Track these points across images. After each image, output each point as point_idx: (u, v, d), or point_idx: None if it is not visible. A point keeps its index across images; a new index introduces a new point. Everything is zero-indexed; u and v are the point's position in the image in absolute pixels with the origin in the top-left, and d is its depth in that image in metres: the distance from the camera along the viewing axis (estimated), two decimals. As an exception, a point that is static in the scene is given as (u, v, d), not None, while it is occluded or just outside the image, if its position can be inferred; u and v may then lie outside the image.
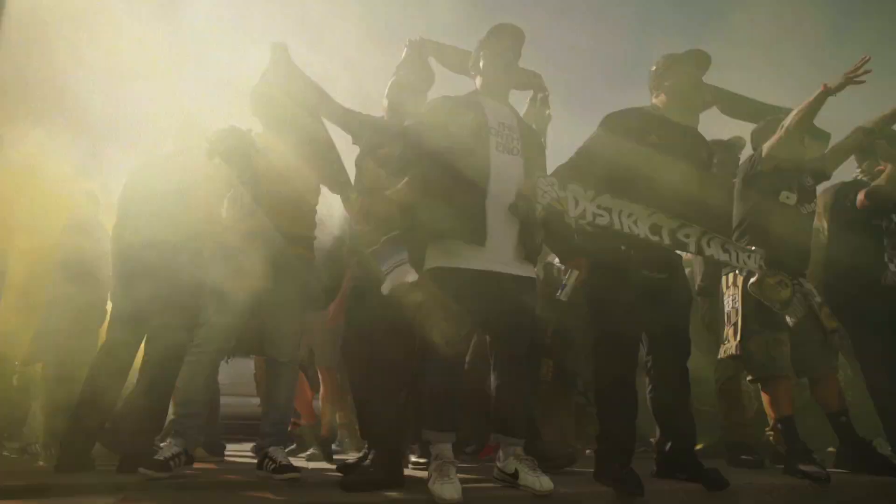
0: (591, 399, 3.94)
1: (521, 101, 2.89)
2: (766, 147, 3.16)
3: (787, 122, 3.05)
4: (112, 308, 3.18)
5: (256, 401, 4.78)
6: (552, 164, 2.82)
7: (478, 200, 2.47)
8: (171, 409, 3.11)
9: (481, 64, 2.71)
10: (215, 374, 3.17)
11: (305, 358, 4.09)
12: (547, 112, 3.44)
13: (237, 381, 5.17)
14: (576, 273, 2.69)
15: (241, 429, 5.21)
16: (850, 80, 2.84)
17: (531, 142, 2.66)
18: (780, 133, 3.09)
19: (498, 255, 2.48)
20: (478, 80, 2.75)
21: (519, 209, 2.48)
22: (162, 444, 2.67)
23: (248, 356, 4.45)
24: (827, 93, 2.92)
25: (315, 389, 4.52)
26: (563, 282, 2.70)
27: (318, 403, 4.38)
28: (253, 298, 2.72)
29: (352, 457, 3.35)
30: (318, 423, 4.31)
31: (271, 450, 2.70)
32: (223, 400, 4.22)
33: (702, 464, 2.70)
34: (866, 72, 2.81)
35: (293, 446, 4.09)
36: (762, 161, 3.16)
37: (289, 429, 3.32)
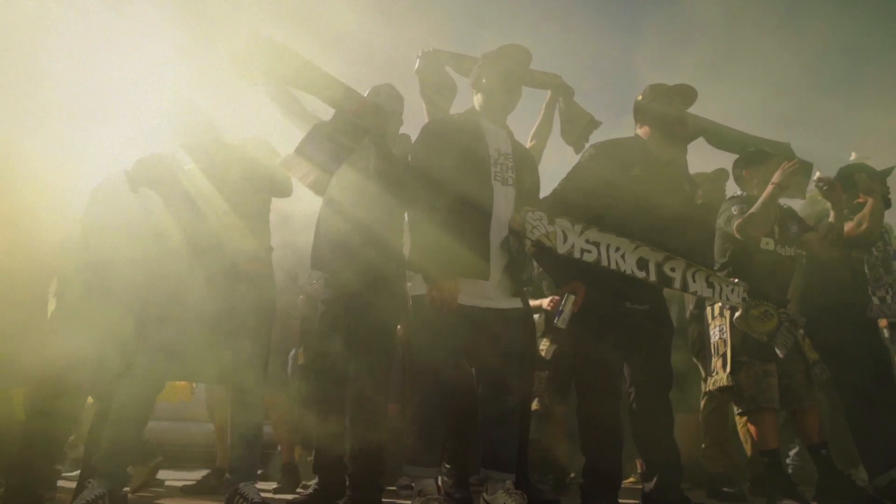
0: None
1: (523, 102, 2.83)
2: (735, 228, 3.09)
3: (749, 227, 3.01)
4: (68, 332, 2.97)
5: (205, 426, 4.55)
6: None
7: (482, 235, 2.44)
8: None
9: (484, 81, 2.65)
10: None
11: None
12: (589, 117, 3.23)
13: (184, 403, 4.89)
14: (572, 298, 2.67)
15: (195, 456, 5.01)
16: (794, 173, 2.97)
17: (524, 169, 2.63)
18: (739, 230, 3.05)
19: (490, 289, 2.46)
20: (478, 98, 2.70)
21: (511, 245, 2.45)
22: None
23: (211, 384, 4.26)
24: (779, 188, 2.97)
25: None
26: (560, 307, 2.67)
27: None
28: (205, 323, 2.54)
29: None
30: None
31: (242, 486, 2.56)
32: (166, 425, 3.97)
33: (688, 499, 2.68)
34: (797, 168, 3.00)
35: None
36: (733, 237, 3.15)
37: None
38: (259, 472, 3.90)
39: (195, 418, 4.85)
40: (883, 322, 3.38)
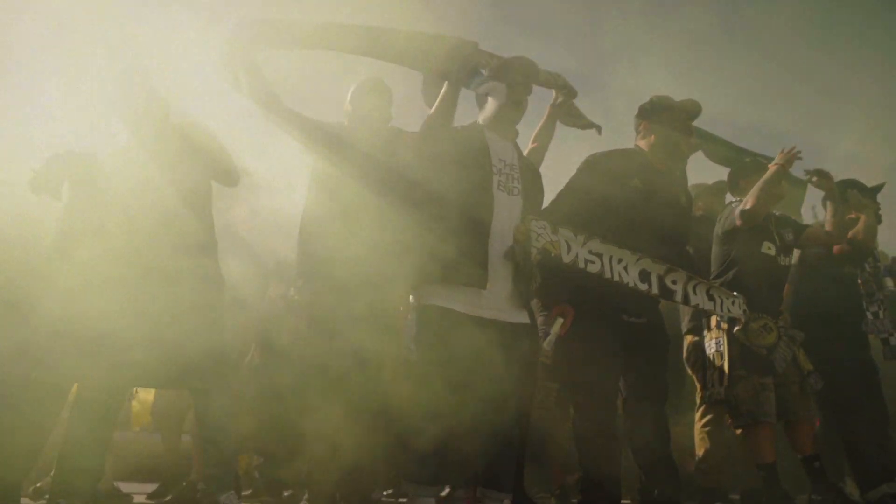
0: None
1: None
2: (736, 215, 3.14)
3: (751, 202, 3.03)
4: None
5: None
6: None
7: (480, 243, 2.39)
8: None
9: (489, 93, 2.61)
10: None
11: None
12: (589, 122, 3.05)
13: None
14: (560, 321, 2.66)
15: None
16: (794, 156, 3.06)
17: (530, 181, 2.60)
18: (744, 210, 3.07)
19: (494, 300, 2.41)
20: (483, 109, 2.66)
21: (516, 254, 2.41)
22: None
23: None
24: (783, 167, 3.04)
25: None
26: (548, 329, 2.66)
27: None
28: (149, 325, 2.38)
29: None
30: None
31: (223, 498, 2.44)
32: (132, 435, 3.77)
33: (685, 512, 2.67)
34: (798, 151, 3.09)
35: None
36: (736, 226, 3.17)
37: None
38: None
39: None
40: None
